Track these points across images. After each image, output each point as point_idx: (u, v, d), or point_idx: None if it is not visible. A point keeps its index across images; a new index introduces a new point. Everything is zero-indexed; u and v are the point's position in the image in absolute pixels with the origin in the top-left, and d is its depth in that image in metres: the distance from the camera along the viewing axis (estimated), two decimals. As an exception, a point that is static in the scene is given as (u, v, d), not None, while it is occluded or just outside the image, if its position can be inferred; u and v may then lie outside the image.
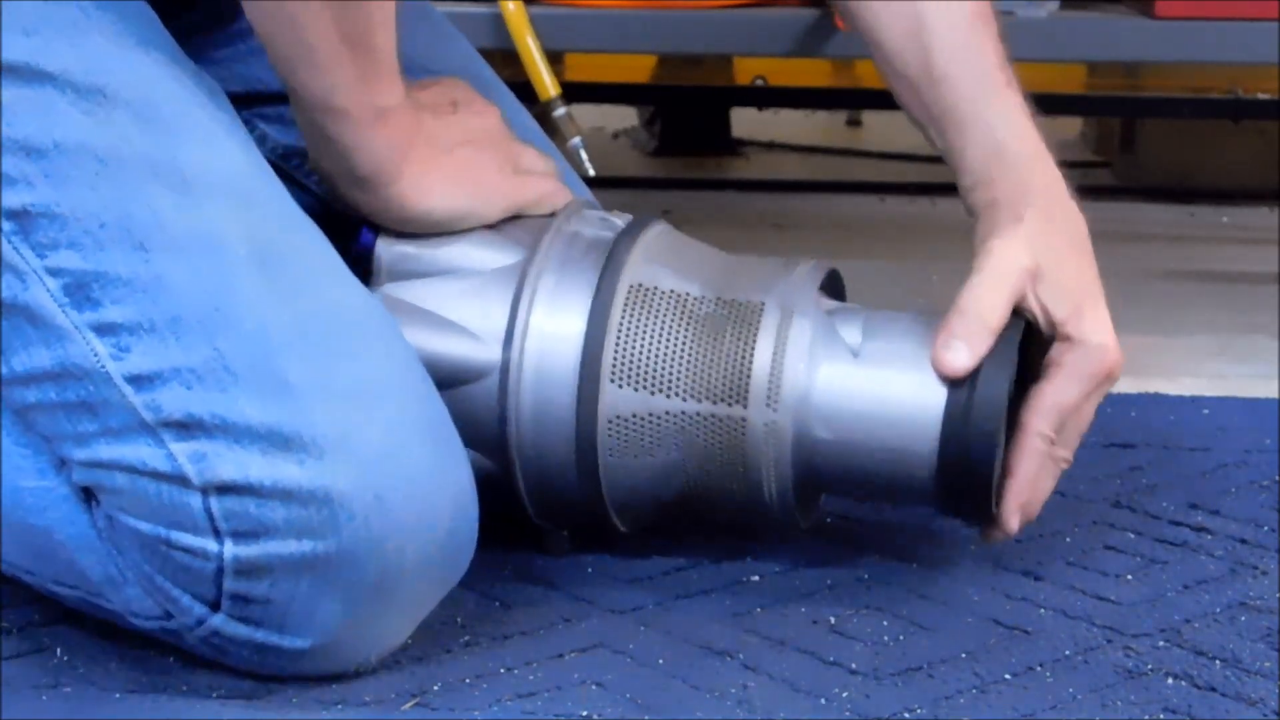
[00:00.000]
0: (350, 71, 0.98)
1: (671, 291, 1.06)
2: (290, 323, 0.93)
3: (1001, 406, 1.02)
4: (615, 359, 1.04)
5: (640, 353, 1.05)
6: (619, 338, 1.05)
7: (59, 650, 1.00)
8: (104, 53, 0.95)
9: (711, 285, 1.07)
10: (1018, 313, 1.06)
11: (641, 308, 1.05)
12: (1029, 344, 1.07)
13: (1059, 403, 1.05)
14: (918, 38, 1.11)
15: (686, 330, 1.05)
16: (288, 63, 0.98)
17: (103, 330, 0.92)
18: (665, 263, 1.07)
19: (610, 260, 1.06)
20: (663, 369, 1.05)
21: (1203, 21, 1.62)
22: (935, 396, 1.03)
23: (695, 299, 1.06)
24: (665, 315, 1.05)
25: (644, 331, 1.05)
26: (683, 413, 1.05)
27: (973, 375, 1.03)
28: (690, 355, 1.05)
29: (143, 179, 0.93)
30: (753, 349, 1.04)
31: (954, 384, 1.03)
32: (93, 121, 0.93)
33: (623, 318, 1.05)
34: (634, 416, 1.05)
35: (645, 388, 1.04)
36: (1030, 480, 1.05)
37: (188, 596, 0.94)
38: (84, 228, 0.92)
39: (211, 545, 0.92)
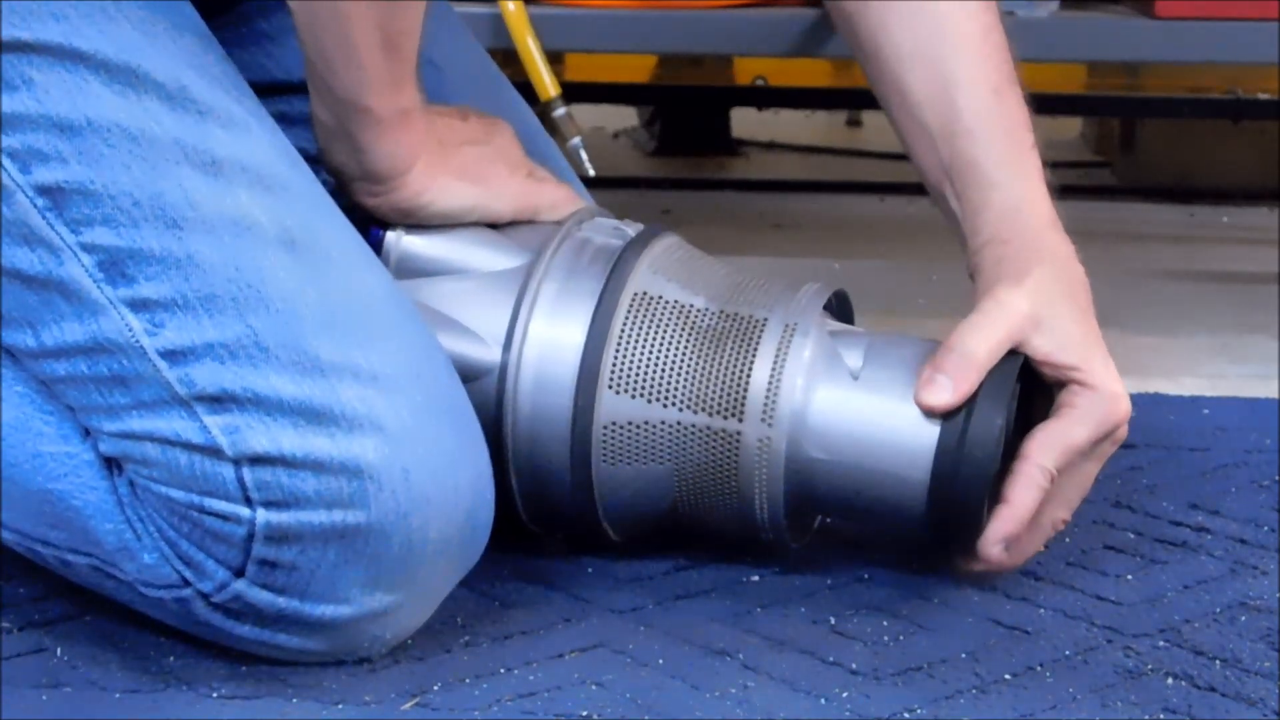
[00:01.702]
0: (383, 72, 0.99)
1: (675, 302, 1.06)
2: (319, 303, 0.95)
3: (995, 437, 1.02)
4: (615, 365, 1.04)
5: (640, 361, 1.05)
6: (620, 344, 1.05)
7: (59, 650, 1.00)
8: (135, 36, 0.96)
9: (716, 299, 1.07)
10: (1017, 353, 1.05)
11: (644, 316, 1.05)
12: (1033, 394, 1.06)
13: (1064, 439, 1.05)
14: (946, 91, 1.10)
15: (688, 341, 1.05)
16: (324, 57, 0.99)
17: (137, 306, 0.94)
18: (672, 275, 1.07)
19: (616, 268, 1.06)
20: (661, 378, 1.05)
21: (1203, 21, 1.62)
22: (930, 424, 1.03)
23: (699, 310, 1.06)
24: (667, 325, 1.05)
25: (645, 340, 1.05)
26: (679, 423, 1.05)
27: (969, 406, 1.02)
28: (689, 366, 1.05)
29: (174, 159, 0.95)
30: (751, 364, 1.04)
31: (949, 413, 1.02)
32: (125, 101, 0.95)
33: (624, 325, 1.05)
34: (630, 424, 1.05)
35: (643, 396, 1.04)
36: (1023, 511, 1.04)
37: (212, 561, 0.95)
38: (117, 205, 0.94)
39: (244, 511, 0.93)
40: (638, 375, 1.04)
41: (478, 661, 0.99)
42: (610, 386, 1.04)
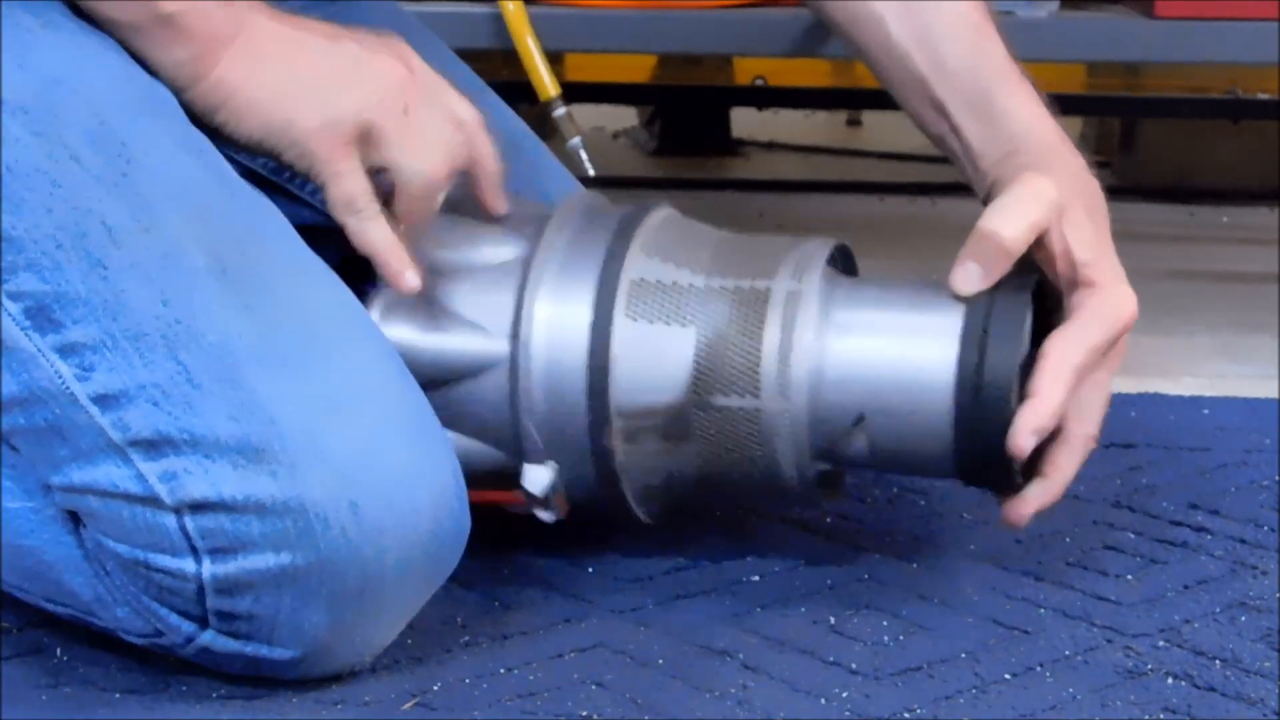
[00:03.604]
0: None
1: (675, 283, 1.05)
2: (254, 332, 0.92)
3: (1011, 376, 1.01)
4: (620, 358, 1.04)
5: (646, 355, 1.04)
6: (623, 345, 1.04)
7: (59, 650, 1.00)
8: (54, 72, 0.94)
9: (716, 272, 1.06)
10: (1033, 266, 1.05)
11: (643, 302, 1.05)
12: (1039, 308, 1.06)
13: (1081, 338, 1.03)
14: (925, 39, 1.12)
15: (689, 323, 1.05)
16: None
17: (65, 351, 0.92)
18: (665, 256, 1.07)
19: (608, 258, 1.06)
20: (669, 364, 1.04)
21: (1203, 21, 1.62)
22: (948, 352, 1.02)
23: (699, 289, 1.05)
24: (667, 309, 1.05)
25: (648, 330, 1.04)
26: (696, 407, 1.04)
27: (984, 332, 1.01)
28: (694, 349, 1.04)
29: (96, 196, 0.92)
30: (760, 336, 1.04)
31: (966, 339, 1.01)
32: (44, 142, 0.92)
33: (627, 312, 1.04)
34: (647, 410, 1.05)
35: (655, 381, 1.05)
36: (1052, 403, 1.00)
37: (175, 615, 0.94)
38: (41, 249, 0.91)
39: (189, 566, 0.91)
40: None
41: (478, 661, 0.99)
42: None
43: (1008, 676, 0.98)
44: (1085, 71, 2.66)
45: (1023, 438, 1.01)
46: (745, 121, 2.79)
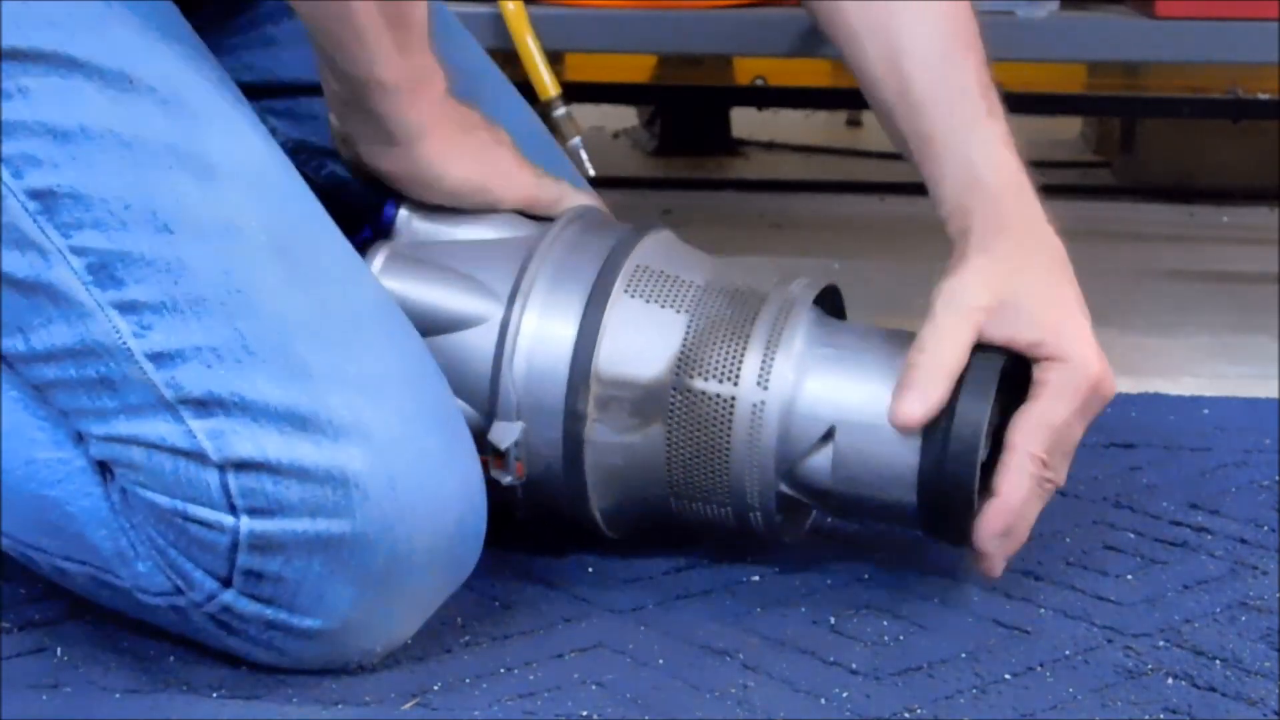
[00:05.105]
0: (389, 45, 1.00)
1: (676, 277, 1.08)
2: (308, 309, 0.95)
3: (980, 424, 1.01)
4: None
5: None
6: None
7: (59, 650, 1.00)
8: (129, 42, 0.97)
9: (715, 278, 1.09)
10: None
11: (643, 284, 1.07)
12: (1022, 373, 1.06)
13: (1045, 420, 1.03)
14: (895, 64, 1.11)
15: (684, 311, 1.06)
16: (331, 41, 1.00)
17: (125, 308, 0.94)
18: (670, 256, 1.09)
19: (617, 245, 1.08)
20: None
21: (1203, 21, 1.62)
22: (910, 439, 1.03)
23: (698, 286, 1.07)
24: (664, 295, 1.07)
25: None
26: (674, 388, 1.05)
27: (953, 399, 1.02)
28: (683, 334, 1.06)
29: (166, 163, 0.95)
30: (748, 335, 1.05)
31: (930, 426, 1.02)
32: (118, 107, 0.95)
33: (626, 288, 1.06)
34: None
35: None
36: (1017, 502, 1.02)
37: (200, 571, 0.95)
38: (108, 209, 0.94)
39: (227, 519, 0.93)
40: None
41: (478, 661, 0.99)
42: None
43: (1008, 676, 0.98)
44: (1085, 71, 2.67)
45: (988, 541, 1.03)
46: (745, 121, 2.79)
